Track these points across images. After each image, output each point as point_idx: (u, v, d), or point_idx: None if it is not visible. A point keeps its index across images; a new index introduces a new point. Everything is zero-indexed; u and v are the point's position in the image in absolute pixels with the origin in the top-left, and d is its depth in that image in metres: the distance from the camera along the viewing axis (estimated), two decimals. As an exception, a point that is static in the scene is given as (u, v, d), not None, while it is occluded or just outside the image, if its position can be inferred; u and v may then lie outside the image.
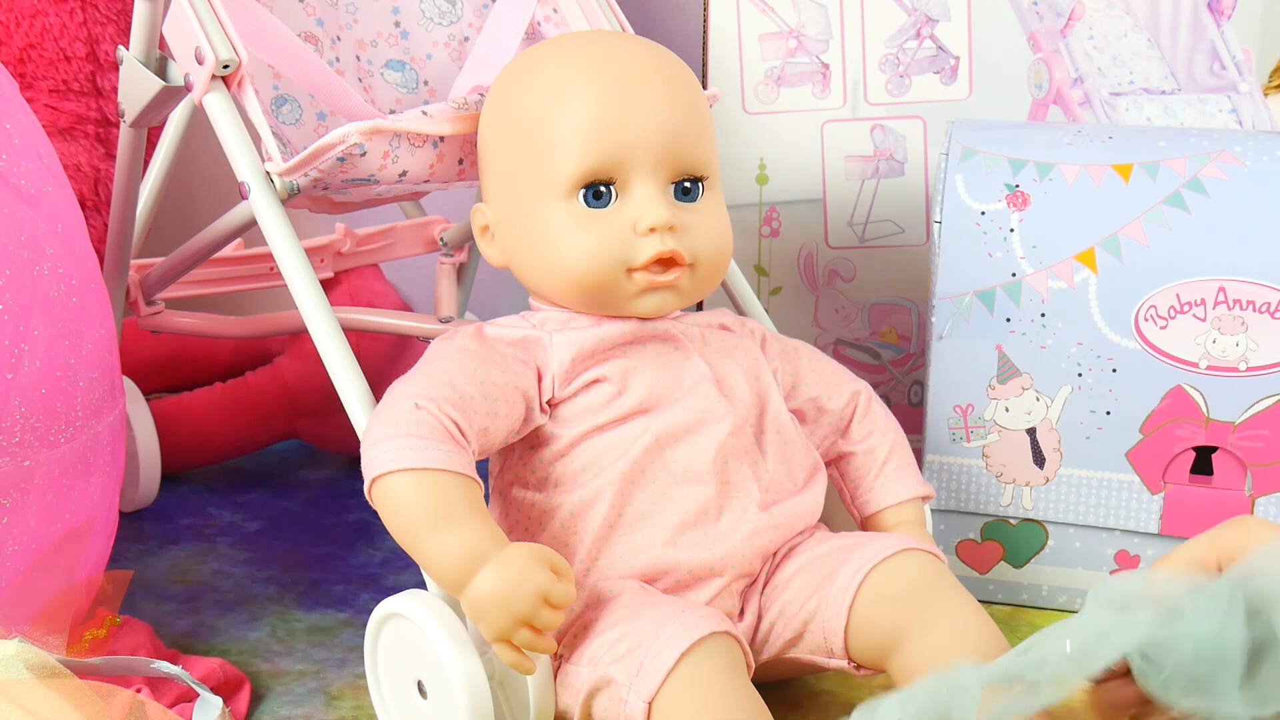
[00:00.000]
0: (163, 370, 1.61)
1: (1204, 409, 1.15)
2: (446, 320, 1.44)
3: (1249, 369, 1.14)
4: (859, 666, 1.00)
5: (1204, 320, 1.14)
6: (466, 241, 1.55)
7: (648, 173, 0.99)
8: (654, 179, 0.99)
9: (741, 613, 1.02)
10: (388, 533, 1.41)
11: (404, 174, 1.08)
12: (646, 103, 1.00)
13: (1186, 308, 1.14)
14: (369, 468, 0.93)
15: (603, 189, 0.99)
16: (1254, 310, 1.13)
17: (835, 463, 1.13)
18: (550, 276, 1.01)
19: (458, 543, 0.90)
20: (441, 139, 1.09)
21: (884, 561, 0.98)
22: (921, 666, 0.91)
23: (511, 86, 1.05)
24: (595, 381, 1.00)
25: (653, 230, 0.98)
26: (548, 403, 1.01)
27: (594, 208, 0.99)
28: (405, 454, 0.91)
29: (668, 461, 0.99)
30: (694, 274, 1.01)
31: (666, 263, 0.99)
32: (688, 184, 1.01)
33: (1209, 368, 1.15)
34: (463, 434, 0.93)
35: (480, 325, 1.04)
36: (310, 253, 1.34)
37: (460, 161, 1.11)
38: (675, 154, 1.00)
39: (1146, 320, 1.15)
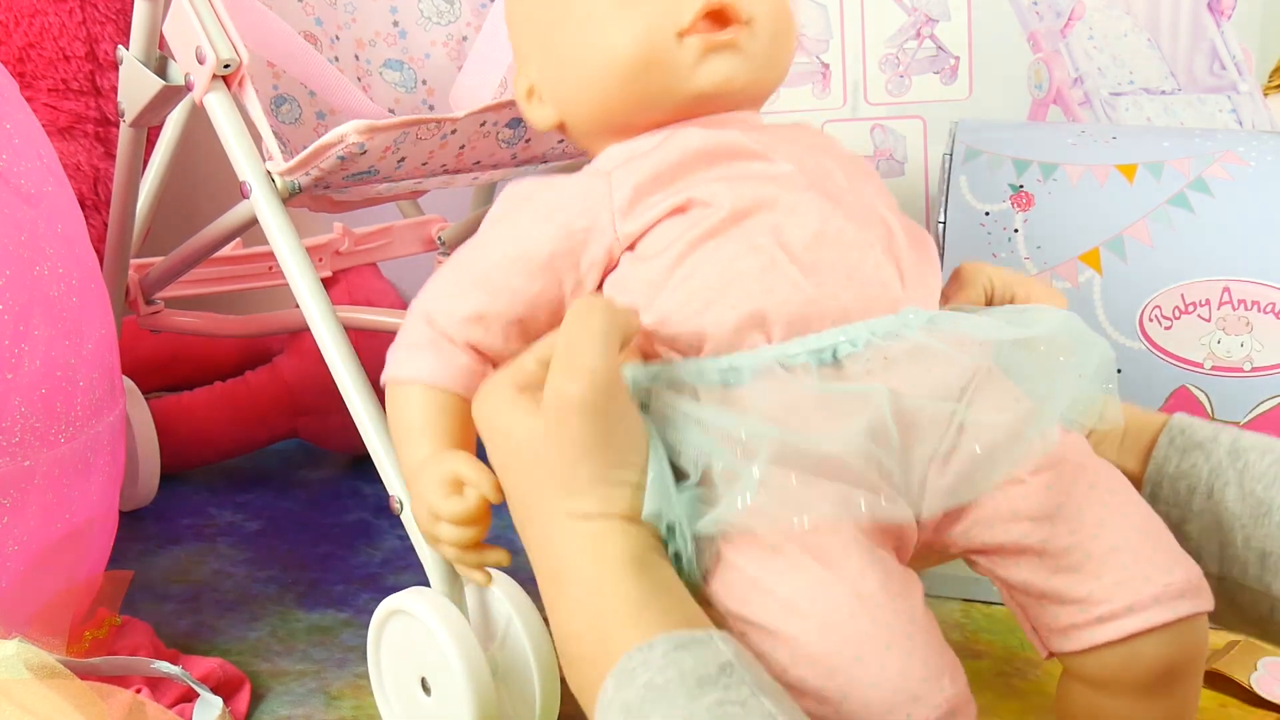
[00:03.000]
0: (163, 370, 1.60)
1: (1209, 409, 1.15)
2: (446, 320, 1.44)
3: (1254, 369, 1.14)
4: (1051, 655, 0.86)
5: (1209, 320, 1.14)
6: (464, 240, 1.54)
7: None
8: None
9: None
10: (388, 532, 1.43)
11: (402, 160, 1.08)
12: None
13: (1191, 308, 1.14)
14: (385, 371, 0.91)
15: None
16: (1259, 310, 1.13)
17: None
18: (601, 82, 0.87)
19: (406, 464, 0.89)
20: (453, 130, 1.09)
21: (1177, 625, 0.81)
22: None
23: None
24: (670, 213, 0.85)
25: None
26: (625, 247, 0.86)
27: None
28: (390, 364, 0.90)
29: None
30: (754, 32, 0.86)
31: (719, 19, 0.85)
32: None
33: (1214, 368, 1.15)
34: (453, 341, 0.88)
35: (538, 185, 0.90)
36: (309, 252, 1.33)
37: (461, 148, 1.10)
38: None
39: (1151, 320, 1.15)
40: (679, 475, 0.79)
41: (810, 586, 0.76)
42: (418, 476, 0.86)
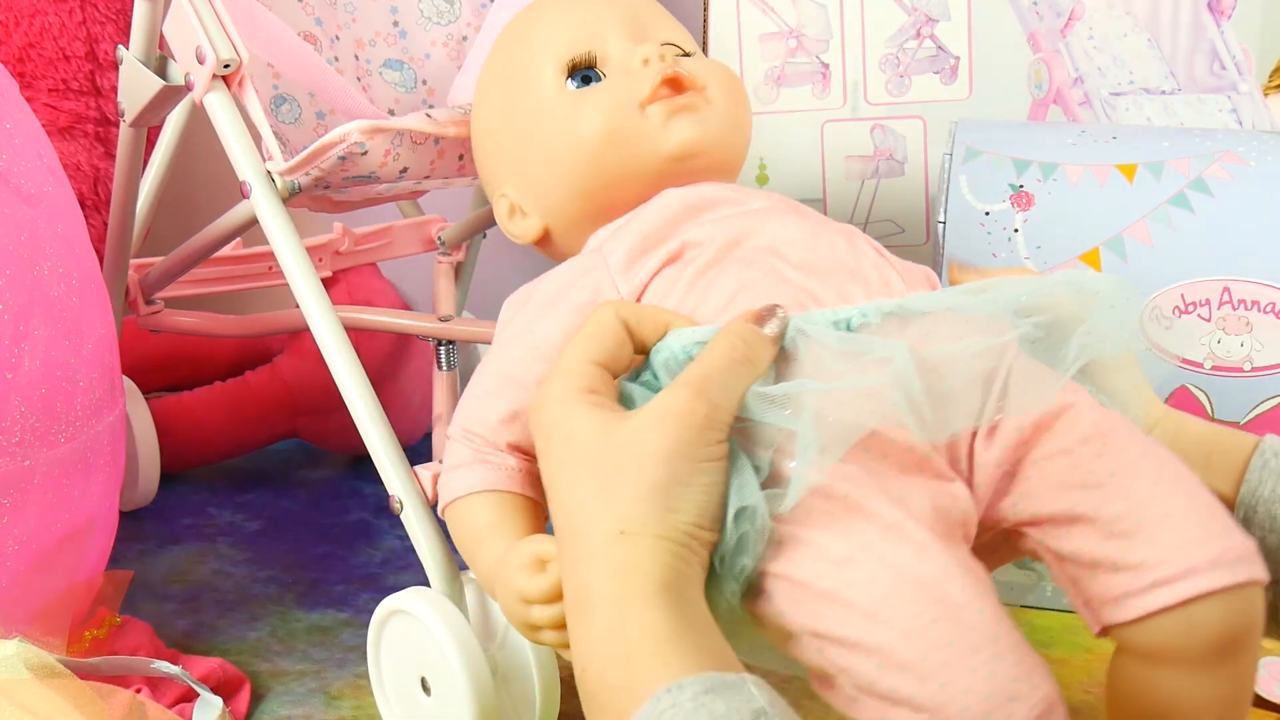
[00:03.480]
0: (163, 370, 1.60)
1: (1209, 409, 1.15)
2: (445, 319, 1.44)
3: (1254, 369, 1.14)
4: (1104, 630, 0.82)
5: (1209, 320, 1.14)
6: (464, 240, 1.54)
7: (629, 40, 0.94)
8: (638, 43, 0.94)
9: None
10: (388, 532, 1.43)
11: (404, 170, 1.08)
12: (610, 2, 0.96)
13: (1191, 308, 1.14)
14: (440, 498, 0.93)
15: (589, 73, 0.93)
16: (1259, 310, 1.13)
17: None
18: (577, 168, 0.92)
19: (483, 570, 0.87)
20: (441, 138, 1.09)
21: (1236, 590, 0.78)
22: None
23: (487, 67, 1.02)
24: (666, 262, 0.88)
25: (648, 61, 0.92)
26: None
27: (587, 87, 0.93)
28: (444, 490, 0.90)
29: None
30: (708, 97, 0.92)
31: (676, 86, 0.91)
32: (678, 54, 0.95)
33: (1214, 368, 1.15)
34: (497, 447, 0.88)
35: (533, 284, 0.94)
36: (309, 252, 1.33)
37: (460, 158, 1.10)
38: (654, 29, 0.96)
39: (1151, 320, 1.15)
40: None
41: (889, 594, 0.74)
42: (499, 571, 0.84)
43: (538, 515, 0.87)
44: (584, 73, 0.93)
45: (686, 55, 0.95)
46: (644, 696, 0.67)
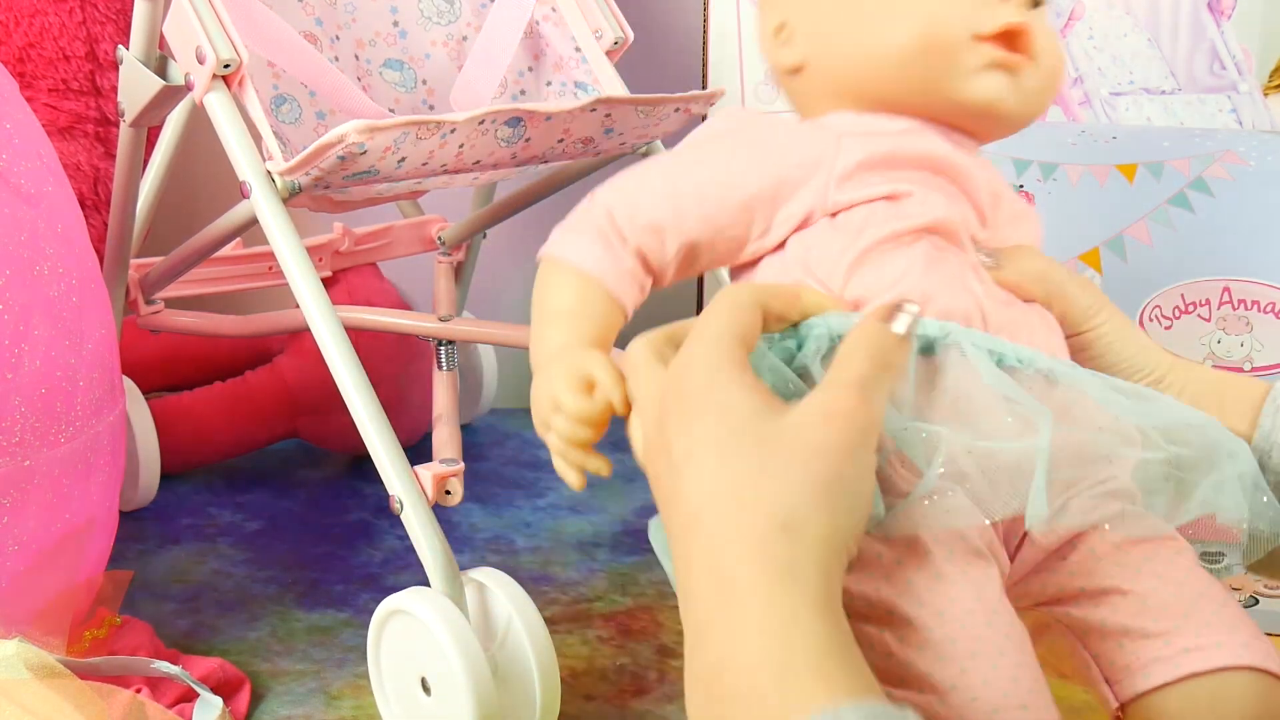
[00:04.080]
0: (163, 370, 1.60)
1: (1208, 409, 1.15)
2: (445, 319, 1.44)
3: (1254, 369, 1.14)
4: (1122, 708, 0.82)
5: (1209, 320, 1.14)
6: (464, 240, 1.54)
7: None
8: None
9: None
10: (388, 533, 1.43)
11: (402, 160, 1.08)
12: None
13: (1191, 308, 1.14)
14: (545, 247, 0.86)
15: None
16: (1259, 310, 1.13)
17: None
18: (877, 50, 0.83)
19: (540, 342, 0.82)
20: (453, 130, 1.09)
21: (1257, 671, 0.78)
22: None
23: None
24: (884, 197, 0.82)
25: None
26: (828, 213, 0.83)
27: None
28: (555, 242, 0.84)
29: None
30: (1036, 68, 0.83)
31: (1012, 43, 0.82)
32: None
33: (1214, 368, 1.15)
34: (625, 242, 0.83)
35: (763, 120, 0.86)
36: (309, 252, 1.33)
37: (460, 147, 1.10)
38: None
39: (1151, 320, 1.15)
40: None
41: (931, 579, 0.73)
42: (549, 362, 0.80)
43: (615, 329, 0.83)
44: None
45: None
46: (797, 713, 0.61)
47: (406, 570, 1.33)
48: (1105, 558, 0.79)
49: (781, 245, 0.82)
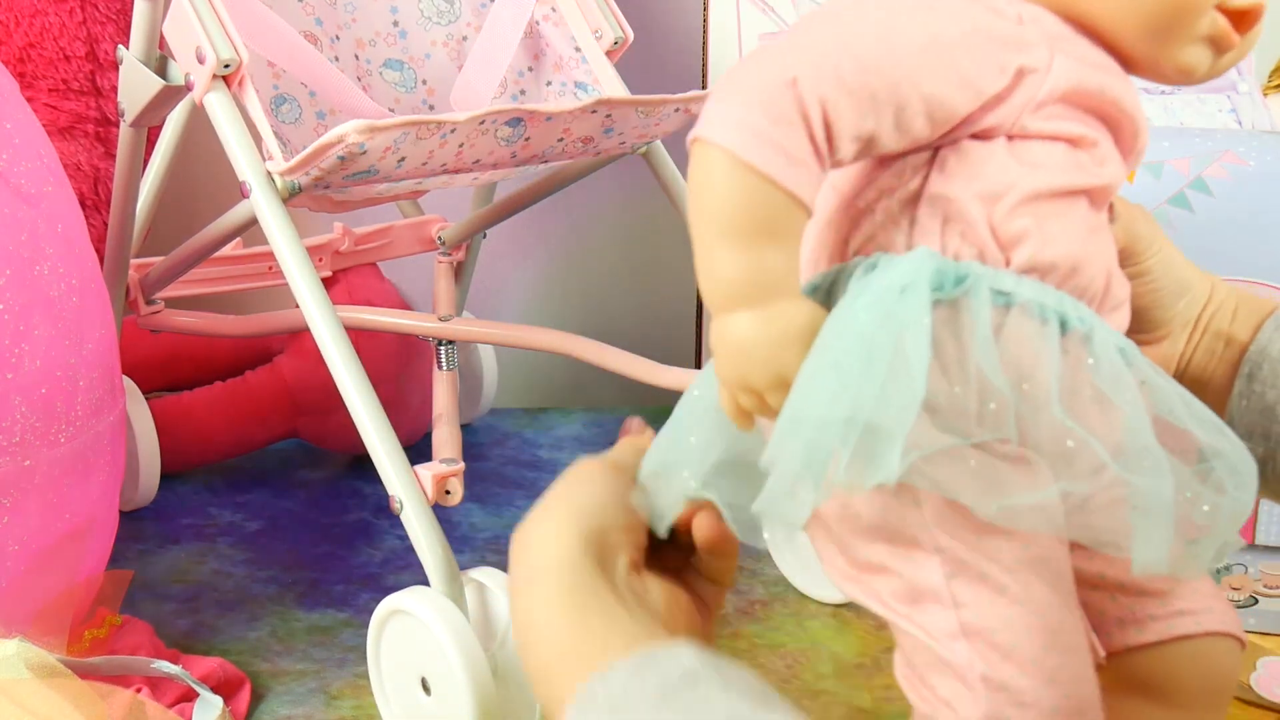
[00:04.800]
0: (163, 370, 1.60)
1: (1208, 409, 1.15)
2: (445, 319, 1.44)
3: (1253, 369, 1.14)
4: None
5: (1208, 320, 1.14)
6: (464, 240, 1.54)
7: None
8: None
9: None
10: (388, 533, 1.43)
11: (402, 160, 1.08)
12: None
13: (1191, 307, 1.14)
14: (703, 120, 0.69)
15: None
16: (1258, 310, 1.13)
17: None
18: None
19: (740, 267, 0.68)
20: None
21: (1204, 638, 0.80)
22: None
23: None
24: (1069, 140, 0.73)
25: None
26: (1006, 134, 0.72)
27: None
28: (744, 137, 0.67)
29: None
30: (1234, 55, 0.76)
31: (1244, 22, 0.75)
32: None
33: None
34: (830, 143, 0.68)
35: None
36: (309, 252, 1.34)
37: (460, 146, 1.10)
38: None
39: (1151, 320, 1.15)
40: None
41: (1016, 566, 0.71)
42: (764, 325, 0.67)
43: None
44: None
45: None
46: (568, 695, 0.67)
47: (406, 570, 1.33)
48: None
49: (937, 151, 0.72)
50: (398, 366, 1.53)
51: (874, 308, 0.67)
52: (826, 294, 0.72)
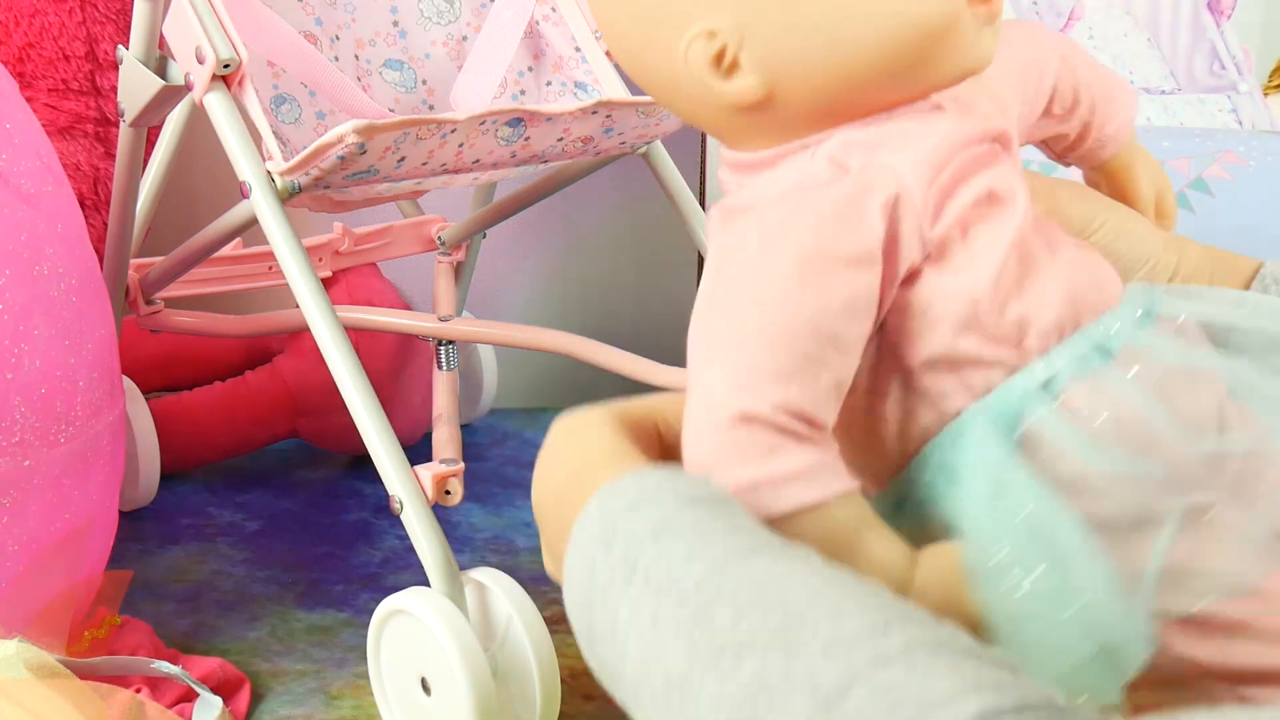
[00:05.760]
0: (163, 370, 1.60)
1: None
2: (445, 319, 1.44)
3: (1253, 369, 1.14)
4: None
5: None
6: (464, 240, 1.54)
7: None
8: None
9: None
10: (388, 533, 1.42)
11: (402, 160, 1.08)
12: None
13: (1191, 307, 1.14)
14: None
15: None
16: (1258, 310, 1.13)
17: None
18: (867, 43, 0.66)
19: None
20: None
21: None
22: None
23: None
24: (981, 202, 0.68)
25: None
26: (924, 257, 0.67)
27: None
28: (767, 494, 0.64)
29: None
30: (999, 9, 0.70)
31: None
32: None
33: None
34: (815, 424, 0.64)
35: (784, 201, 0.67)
36: (309, 252, 1.34)
37: (460, 146, 1.10)
38: None
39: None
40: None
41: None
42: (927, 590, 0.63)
43: None
44: None
45: None
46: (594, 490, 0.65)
47: (406, 570, 1.33)
48: None
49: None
50: (398, 366, 1.53)
51: (998, 531, 0.62)
52: (895, 507, 0.68)
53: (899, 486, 0.69)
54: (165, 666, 1.05)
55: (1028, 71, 0.78)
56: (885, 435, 0.69)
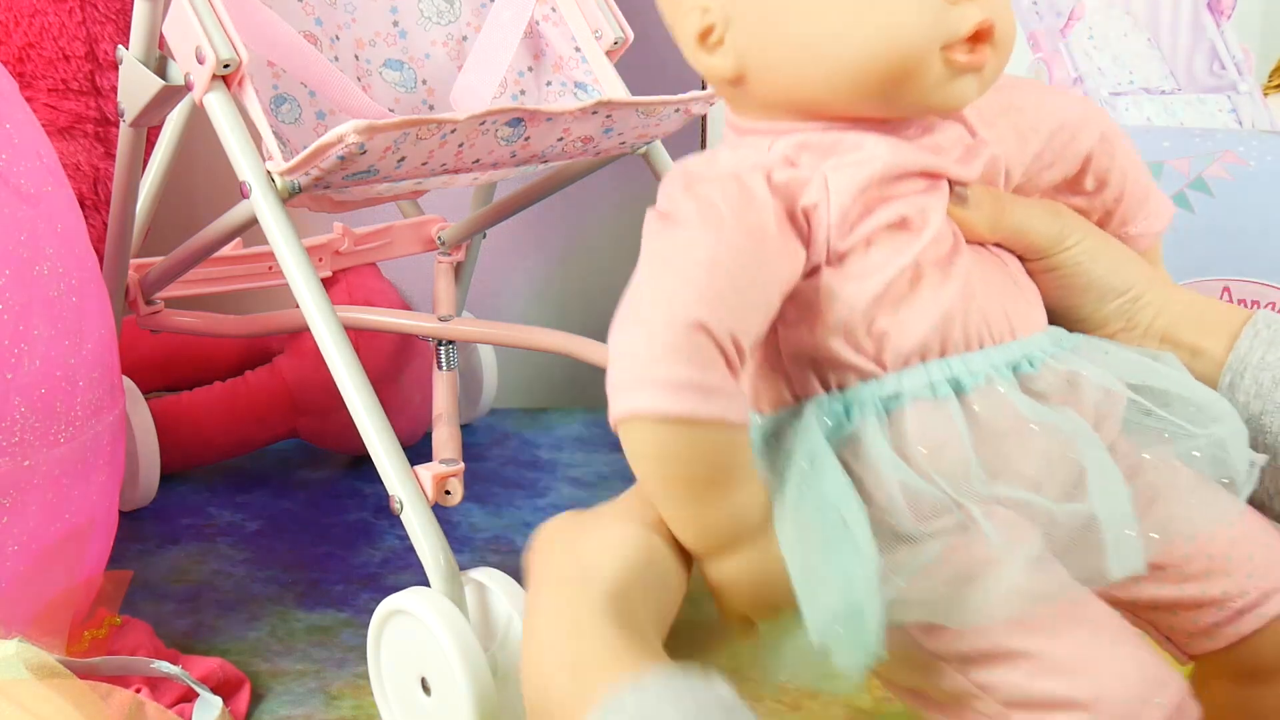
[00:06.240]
0: (163, 370, 1.60)
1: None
2: (445, 319, 1.44)
3: (1253, 369, 1.14)
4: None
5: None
6: (464, 240, 1.54)
7: None
8: None
9: None
10: (388, 533, 1.43)
11: (402, 160, 1.08)
12: None
13: (1191, 307, 1.14)
14: (619, 402, 0.70)
15: None
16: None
17: None
18: (839, 64, 0.72)
19: (708, 523, 0.71)
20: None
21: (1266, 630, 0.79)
22: None
23: None
24: (893, 226, 0.73)
25: None
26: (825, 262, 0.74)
27: None
28: (665, 396, 0.69)
29: None
30: (996, 55, 0.73)
31: (978, 38, 0.72)
32: None
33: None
34: (741, 356, 0.70)
35: (731, 176, 0.73)
36: (309, 252, 1.34)
37: (460, 146, 1.10)
38: None
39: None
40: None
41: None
42: (750, 537, 0.71)
43: None
44: None
45: None
46: (590, 700, 0.65)
47: (406, 570, 1.33)
48: None
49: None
50: (398, 366, 1.53)
51: (804, 498, 0.71)
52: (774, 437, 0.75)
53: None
54: (165, 666, 1.05)
55: (1059, 131, 0.81)
56: (755, 393, 0.77)
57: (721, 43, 0.74)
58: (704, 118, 1.61)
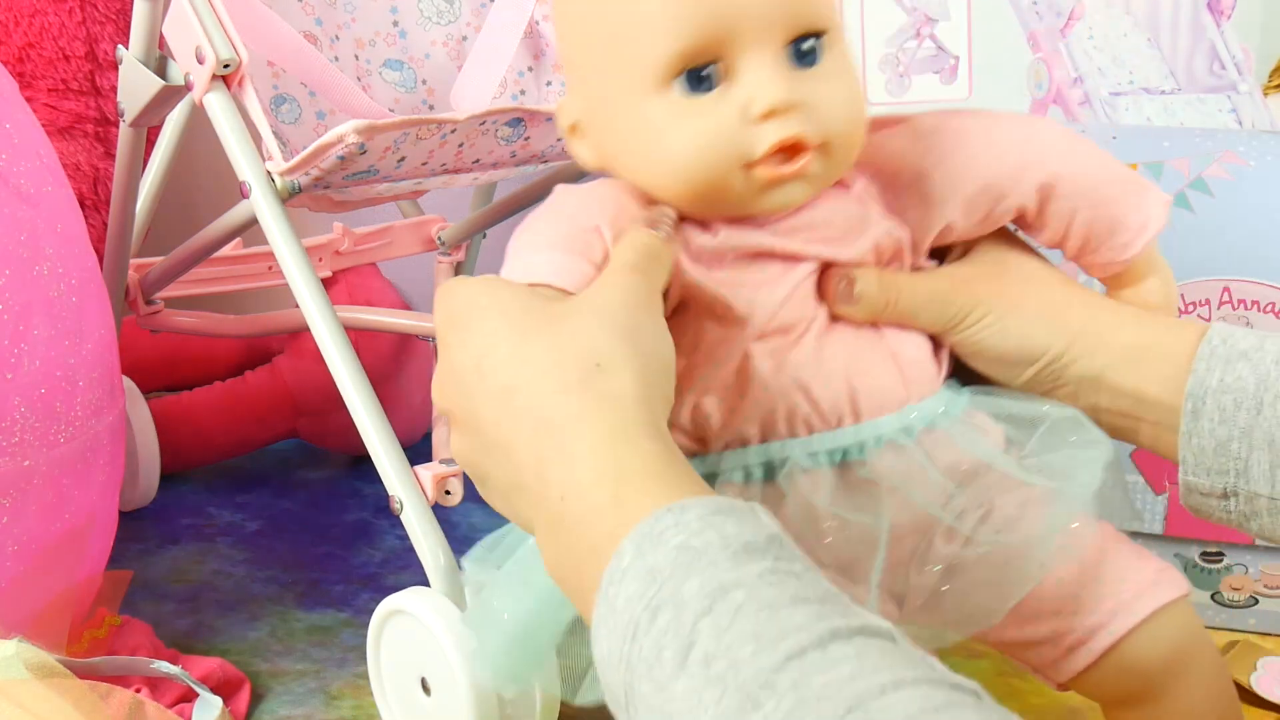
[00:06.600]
0: (163, 370, 1.60)
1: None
2: (446, 320, 1.44)
3: (1253, 369, 1.14)
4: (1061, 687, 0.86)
5: (1208, 320, 1.14)
6: (464, 240, 1.54)
7: (757, 41, 0.74)
8: (765, 47, 0.74)
9: None
10: (388, 533, 1.42)
11: (402, 160, 1.08)
12: None
13: (1191, 308, 1.14)
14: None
15: (703, 73, 0.75)
16: (1259, 310, 1.13)
17: None
18: (656, 178, 0.78)
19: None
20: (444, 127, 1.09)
21: (1143, 626, 0.81)
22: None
23: None
24: (716, 317, 0.79)
25: (770, 114, 0.74)
26: None
27: (695, 95, 0.75)
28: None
29: None
30: (825, 156, 0.76)
31: (791, 150, 0.75)
32: (805, 44, 0.76)
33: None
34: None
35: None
36: (309, 252, 1.34)
37: (460, 146, 1.10)
38: (788, 9, 0.75)
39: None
40: None
41: None
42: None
43: None
44: (696, 71, 0.75)
45: (819, 37, 0.76)
46: (635, 518, 0.61)
47: (406, 570, 1.33)
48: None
49: None
50: (398, 366, 1.53)
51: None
52: None
53: None
54: (165, 666, 1.05)
55: (982, 194, 0.82)
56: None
57: (585, 138, 0.81)
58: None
